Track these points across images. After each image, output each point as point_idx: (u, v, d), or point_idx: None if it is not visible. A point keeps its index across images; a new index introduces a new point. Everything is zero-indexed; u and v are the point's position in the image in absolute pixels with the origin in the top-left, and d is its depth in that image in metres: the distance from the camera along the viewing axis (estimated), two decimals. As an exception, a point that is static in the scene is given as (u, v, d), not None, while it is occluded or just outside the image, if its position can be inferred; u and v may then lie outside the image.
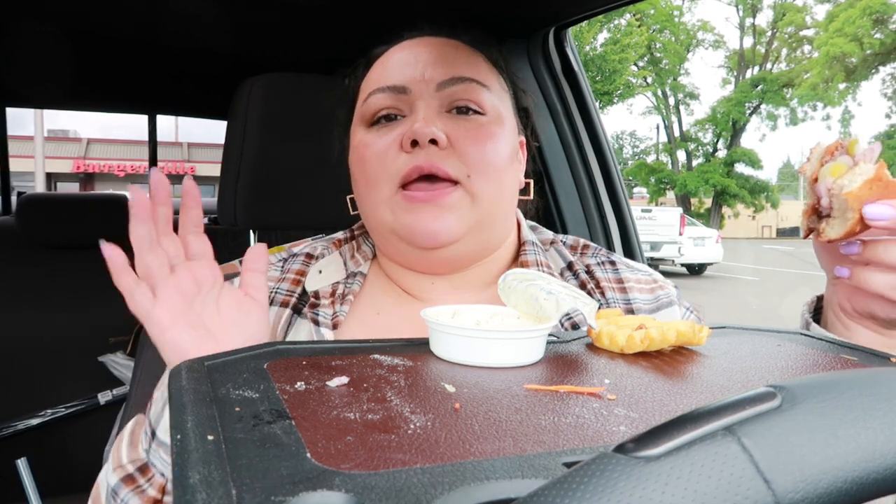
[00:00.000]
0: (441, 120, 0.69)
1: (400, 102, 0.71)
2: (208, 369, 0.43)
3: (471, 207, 0.69)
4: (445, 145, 0.68)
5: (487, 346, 0.49)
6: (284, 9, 1.35)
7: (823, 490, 0.23)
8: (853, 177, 0.55)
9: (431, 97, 0.70)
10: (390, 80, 0.72)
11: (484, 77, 0.73)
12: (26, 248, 2.08)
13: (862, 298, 0.61)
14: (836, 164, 0.57)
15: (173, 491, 0.28)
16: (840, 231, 0.57)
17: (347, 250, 0.81)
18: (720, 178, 25.56)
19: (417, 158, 0.67)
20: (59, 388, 2.05)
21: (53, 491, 1.76)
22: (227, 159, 1.06)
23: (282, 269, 0.79)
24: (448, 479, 0.29)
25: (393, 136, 0.70)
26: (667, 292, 0.80)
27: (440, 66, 0.71)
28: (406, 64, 0.72)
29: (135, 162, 19.99)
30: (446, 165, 0.67)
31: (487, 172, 0.69)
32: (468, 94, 0.71)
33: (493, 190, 0.70)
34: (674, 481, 0.22)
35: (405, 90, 0.71)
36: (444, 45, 0.75)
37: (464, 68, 0.72)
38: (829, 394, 0.26)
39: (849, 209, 0.55)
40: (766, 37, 28.05)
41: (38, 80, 1.95)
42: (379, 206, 0.71)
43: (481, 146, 0.69)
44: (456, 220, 0.68)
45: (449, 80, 0.70)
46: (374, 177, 0.70)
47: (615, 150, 2.27)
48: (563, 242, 0.84)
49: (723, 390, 0.45)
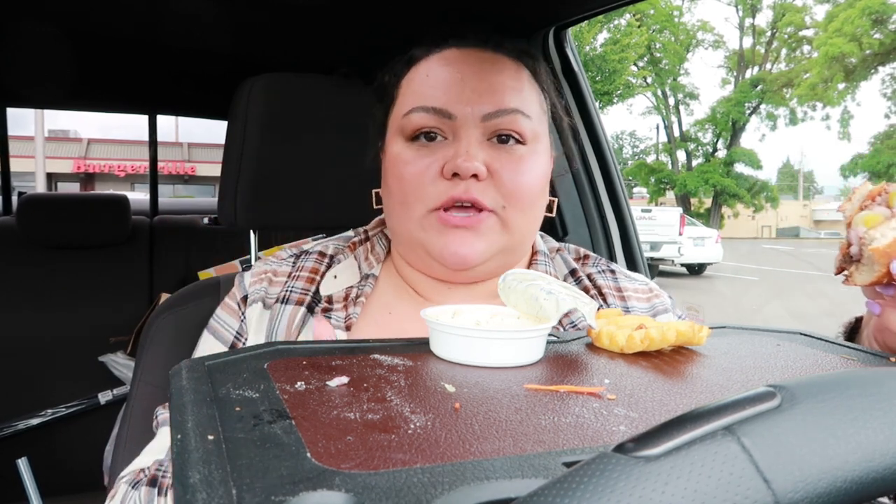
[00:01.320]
0: (482, 149, 0.70)
1: (443, 125, 0.71)
2: (209, 369, 0.43)
3: (500, 234, 0.71)
4: (485, 178, 0.69)
5: (487, 346, 0.49)
6: (284, 9, 1.35)
7: (823, 490, 0.23)
8: (885, 230, 0.55)
9: (475, 126, 0.71)
10: (435, 100, 0.71)
11: (527, 105, 0.73)
12: (27, 248, 2.08)
13: (891, 335, 0.60)
14: (872, 215, 0.56)
15: (173, 490, 0.28)
16: (867, 279, 0.57)
17: (362, 252, 0.81)
18: (720, 178, 25.56)
19: (457, 189, 0.69)
20: (59, 388, 2.05)
21: (54, 490, 1.76)
22: (227, 159, 1.06)
23: (294, 265, 0.79)
24: (448, 478, 0.29)
25: (434, 160, 0.70)
26: (662, 300, 0.82)
27: (487, 96, 0.71)
28: (451, 85, 0.71)
29: (135, 162, 19.97)
30: (483, 197, 0.69)
31: (522, 203, 0.71)
32: (511, 126, 0.71)
33: (526, 219, 0.73)
34: (674, 481, 0.22)
35: (450, 116, 0.71)
36: (492, 63, 0.74)
37: (510, 98, 0.72)
38: (828, 394, 0.26)
39: (876, 262, 0.55)
40: (766, 37, 28.04)
41: (38, 80, 1.95)
42: (410, 222, 0.72)
43: (519, 177, 0.71)
44: (486, 245, 0.70)
45: (495, 112, 0.71)
46: (411, 196, 0.71)
47: (615, 150, 2.28)
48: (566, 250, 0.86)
49: (723, 390, 0.45)
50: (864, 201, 0.58)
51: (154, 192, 2.53)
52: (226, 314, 0.78)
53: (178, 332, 0.95)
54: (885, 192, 0.58)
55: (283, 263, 0.80)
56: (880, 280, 0.56)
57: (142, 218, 2.30)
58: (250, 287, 0.78)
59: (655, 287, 0.84)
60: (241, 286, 0.79)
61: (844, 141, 27.53)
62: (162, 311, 0.97)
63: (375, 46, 0.80)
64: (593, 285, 0.81)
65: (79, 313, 2.09)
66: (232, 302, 0.79)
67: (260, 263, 0.81)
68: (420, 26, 0.81)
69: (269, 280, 0.78)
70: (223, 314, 0.79)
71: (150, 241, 2.25)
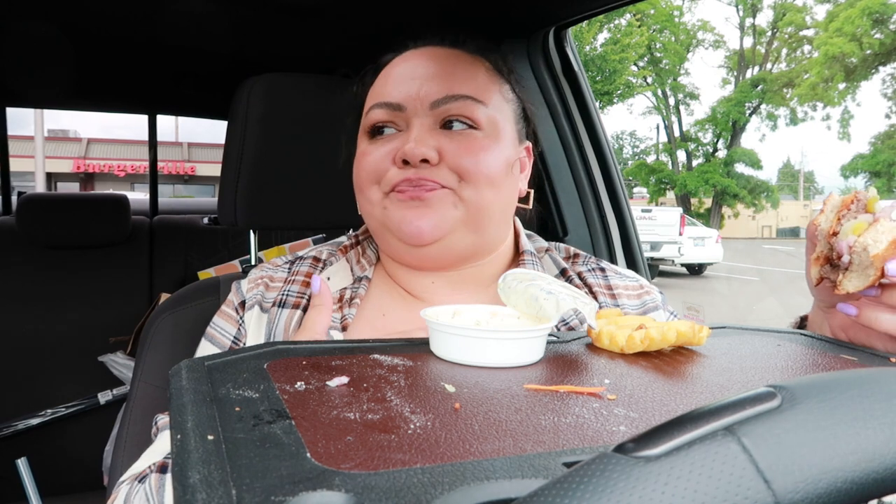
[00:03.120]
0: (434, 136, 0.71)
1: (396, 118, 0.73)
2: (208, 369, 0.43)
3: (455, 207, 0.71)
4: (437, 162, 0.70)
5: (487, 346, 0.49)
6: (284, 9, 1.35)
7: (823, 490, 0.23)
8: (877, 235, 0.55)
9: (426, 115, 0.72)
10: (389, 95, 0.74)
11: (480, 92, 0.74)
12: (26, 248, 2.08)
13: (863, 333, 0.62)
14: (859, 223, 0.57)
15: (173, 491, 0.28)
16: (859, 285, 0.57)
17: (353, 255, 0.83)
18: (720, 178, 25.55)
19: (407, 173, 0.70)
20: (59, 388, 2.05)
21: (53, 490, 1.76)
22: (228, 159, 1.06)
23: (289, 270, 0.81)
24: (448, 479, 0.29)
25: (387, 150, 0.72)
26: (652, 297, 0.83)
27: (436, 83, 0.72)
28: (404, 79, 0.74)
29: (135, 162, 19.97)
30: (436, 177, 0.70)
31: (477, 181, 0.71)
32: (462, 111, 0.72)
33: (482, 196, 0.71)
34: (674, 481, 0.22)
35: (401, 107, 0.73)
36: (445, 57, 0.76)
37: (460, 84, 0.73)
38: (828, 394, 0.26)
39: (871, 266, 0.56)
40: (766, 37, 28.03)
41: (38, 80, 1.95)
42: (370, 206, 0.74)
43: (473, 157, 0.71)
44: (440, 218, 0.70)
45: (443, 98, 0.72)
46: (367, 183, 0.74)
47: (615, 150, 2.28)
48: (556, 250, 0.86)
49: (723, 390, 0.45)
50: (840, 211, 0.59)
51: (154, 192, 2.53)
52: (223, 321, 0.79)
53: (178, 332, 0.95)
54: (858, 199, 0.59)
55: (279, 269, 0.81)
56: (873, 284, 0.56)
57: (142, 218, 2.30)
58: (248, 293, 0.79)
59: (646, 283, 0.85)
60: (238, 292, 0.80)
61: (844, 141, 27.50)
62: (162, 311, 0.97)
63: (375, 46, 0.81)
64: (584, 284, 0.81)
65: (79, 313, 2.09)
66: (229, 308, 0.80)
67: (256, 270, 0.82)
68: (420, 26, 0.81)
69: (266, 285, 0.79)
70: (220, 321, 0.79)
71: (150, 241, 2.25)
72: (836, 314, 0.63)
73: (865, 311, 0.59)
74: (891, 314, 0.58)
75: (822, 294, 0.65)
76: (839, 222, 0.59)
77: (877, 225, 0.56)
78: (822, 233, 0.60)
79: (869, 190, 0.59)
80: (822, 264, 0.61)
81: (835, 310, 0.63)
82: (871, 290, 0.58)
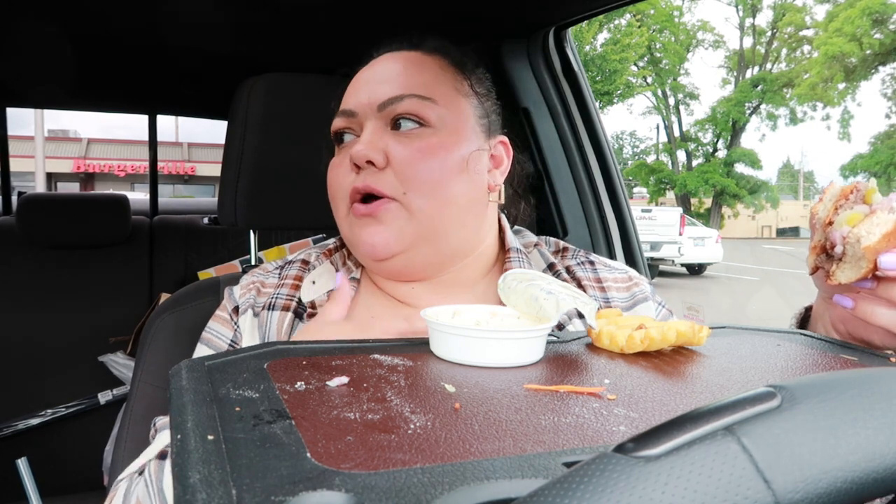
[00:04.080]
0: (383, 138, 0.71)
1: (350, 124, 0.75)
2: (209, 369, 0.43)
3: (407, 221, 0.70)
4: (382, 165, 0.70)
5: (487, 345, 0.49)
6: (285, 9, 1.35)
7: (823, 490, 0.23)
8: (871, 227, 0.55)
9: (375, 117, 0.73)
10: (346, 103, 0.76)
11: (430, 89, 0.73)
12: (26, 248, 2.08)
13: (861, 326, 0.62)
14: (854, 214, 0.57)
15: (173, 490, 0.28)
16: (851, 277, 0.57)
17: (339, 258, 0.83)
18: (720, 178, 25.54)
19: (357, 180, 0.71)
20: (59, 388, 2.05)
21: (54, 490, 1.76)
22: (227, 159, 1.06)
23: (279, 275, 0.82)
24: (448, 479, 0.29)
25: (344, 157, 0.74)
26: (641, 289, 0.83)
27: (384, 85, 0.73)
28: (358, 87, 0.76)
29: (135, 162, 19.96)
30: (381, 184, 0.70)
31: (423, 189, 0.70)
32: (409, 109, 0.72)
33: (432, 204, 0.70)
34: (673, 481, 0.22)
35: (353, 113, 0.74)
36: (398, 59, 0.76)
37: (407, 84, 0.72)
38: (828, 394, 0.26)
39: (863, 258, 0.56)
40: (766, 37, 28.02)
41: (38, 80, 1.95)
42: (340, 221, 0.76)
43: (419, 163, 0.70)
44: (392, 233, 0.70)
45: (389, 99, 0.72)
46: (333, 196, 0.76)
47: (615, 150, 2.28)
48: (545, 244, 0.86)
49: (722, 390, 0.45)
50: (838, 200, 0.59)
51: (154, 192, 2.53)
52: (218, 325, 0.79)
53: (178, 332, 0.95)
54: (857, 189, 0.58)
55: (270, 275, 0.82)
56: (865, 276, 0.56)
57: (142, 218, 2.30)
58: (240, 298, 0.79)
59: (635, 275, 0.85)
60: (231, 298, 0.81)
61: (844, 141, 27.51)
62: (162, 311, 0.97)
63: (375, 46, 0.81)
64: (572, 277, 0.81)
65: (79, 313, 2.09)
66: (223, 313, 0.80)
67: (248, 276, 0.83)
68: (420, 26, 0.81)
69: (258, 290, 0.80)
70: (216, 325, 0.80)
71: (150, 241, 2.25)
72: (836, 306, 0.63)
73: (862, 305, 0.59)
74: (886, 308, 0.58)
75: (820, 283, 0.65)
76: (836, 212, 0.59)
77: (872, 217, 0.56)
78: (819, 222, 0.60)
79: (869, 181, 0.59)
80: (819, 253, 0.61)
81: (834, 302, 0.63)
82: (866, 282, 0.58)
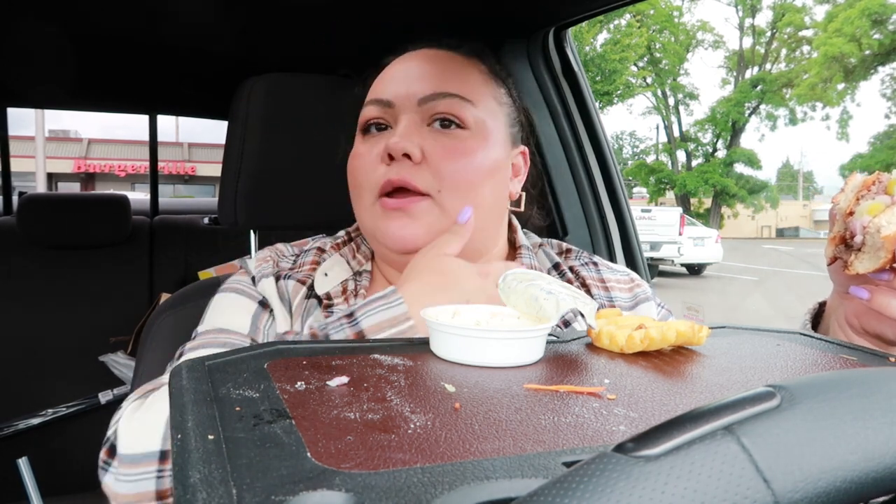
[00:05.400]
0: (421, 134, 0.72)
1: (385, 114, 0.74)
2: (209, 369, 0.43)
3: (439, 218, 0.72)
4: (419, 160, 0.71)
5: (487, 345, 0.49)
6: (284, 9, 1.35)
7: (823, 490, 0.23)
8: (891, 217, 0.55)
9: (413, 111, 0.73)
10: (381, 93, 0.75)
11: (470, 92, 0.74)
12: (27, 248, 2.08)
13: (874, 319, 0.61)
14: (876, 204, 0.57)
15: (174, 490, 0.29)
16: (869, 267, 0.57)
17: (348, 251, 0.83)
18: (720, 178, 25.54)
19: (389, 173, 0.71)
20: (59, 387, 2.05)
21: (54, 490, 1.76)
22: (228, 159, 1.06)
23: (294, 262, 0.82)
24: (448, 478, 0.29)
25: (378, 148, 0.73)
26: (643, 290, 0.84)
27: (425, 81, 0.73)
28: (397, 78, 0.75)
29: (135, 162, 19.96)
30: (417, 179, 0.70)
31: (458, 188, 0.71)
32: (449, 109, 0.72)
33: (464, 204, 0.72)
34: (673, 481, 0.22)
35: (390, 104, 0.74)
36: (439, 58, 0.77)
37: (449, 83, 0.73)
38: (828, 394, 0.26)
39: (882, 248, 0.56)
40: (766, 37, 28.02)
41: (38, 80, 1.95)
42: (363, 211, 0.75)
43: (455, 162, 0.71)
44: (422, 228, 0.71)
45: (430, 95, 0.72)
46: (359, 186, 0.75)
47: (615, 150, 2.28)
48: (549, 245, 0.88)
49: (722, 390, 0.45)
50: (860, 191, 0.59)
51: (154, 192, 2.53)
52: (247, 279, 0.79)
53: (178, 332, 0.95)
54: (879, 180, 0.58)
55: (286, 259, 0.82)
56: (884, 266, 0.56)
57: (142, 218, 2.30)
58: (256, 269, 0.79)
59: (637, 277, 0.87)
60: (247, 269, 0.81)
61: (843, 141, 27.51)
62: (162, 311, 0.98)
63: (375, 46, 0.81)
64: (576, 277, 0.82)
65: (79, 313, 2.09)
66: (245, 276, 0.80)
67: (265, 251, 0.83)
68: (420, 26, 0.82)
69: (275, 262, 0.80)
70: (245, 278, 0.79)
71: (150, 241, 2.25)
72: (851, 299, 0.63)
73: (878, 297, 0.59)
74: None
75: (836, 275, 0.65)
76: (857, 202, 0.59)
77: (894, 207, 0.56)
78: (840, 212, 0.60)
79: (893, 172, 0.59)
80: (838, 244, 0.61)
81: (850, 294, 0.63)
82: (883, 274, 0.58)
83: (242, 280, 0.79)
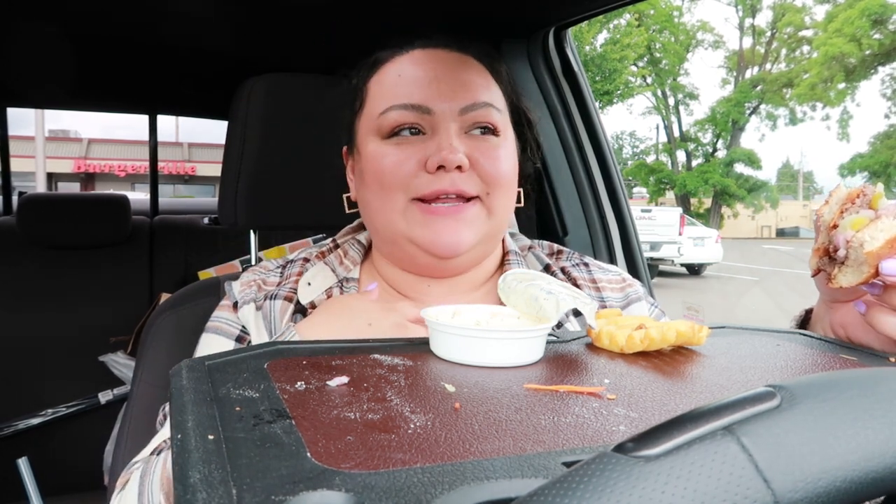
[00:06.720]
0: (462, 141, 0.73)
1: (422, 120, 0.73)
2: (209, 369, 0.43)
3: (486, 220, 0.74)
4: (468, 168, 0.72)
5: (487, 346, 0.49)
6: (284, 9, 1.35)
7: (822, 489, 0.23)
8: (874, 232, 0.55)
9: (454, 120, 0.73)
10: (412, 97, 0.73)
11: (496, 99, 0.77)
12: (27, 248, 2.08)
13: (861, 330, 0.62)
14: (859, 218, 0.57)
15: (174, 490, 0.29)
16: (853, 280, 0.57)
17: (334, 258, 0.83)
18: (720, 178, 25.53)
19: (442, 182, 0.71)
20: (59, 387, 2.05)
21: (54, 490, 1.76)
22: (228, 159, 1.06)
23: (281, 274, 0.83)
24: (448, 478, 0.29)
25: (413, 152, 0.72)
26: (635, 289, 0.85)
27: (462, 91, 0.74)
28: (427, 83, 0.74)
29: (135, 162, 19.95)
30: (468, 186, 0.72)
31: (502, 188, 0.74)
32: (486, 118, 0.74)
33: (506, 204, 0.76)
34: (673, 481, 0.22)
35: (429, 111, 0.73)
36: (458, 62, 0.77)
37: (482, 92, 0.75)
38: (828, 394, 0.26)
39: (865, 263, 0.56)
40: (766, 37, 28.01)
41: (38, 80, 1.95)
42: (392, 213, 0.73)
43: (497, 165, 0.74)
44: (472, 232, 0.73)
45: (471, 105, 0.74)
46: (390, 187, 0.72)
47: (615, 150, 2.27)
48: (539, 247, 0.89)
49: (722, 390, 0.45)
50: (844, 204, 0.59)
51: (154, 192, 2.53)
52: (226, 313, 0.80)
53: (178, 331, 0.95)
54: (864, 194, 0.58)
55: (271, 273, 0.83)
56: (866, 281, 0.56)
57: (142, 218, 2.30)
58: (239, 294, 0.80)
59: (628, 276, 0.88)
60: (230, 294, 0.81)
61: (844, 141, 27.50)
62: (162, 311, 0.98)
63: (376, 46, 0.81)
64: (568, 278, 0.83)
65: (79, 313, 2.09)
66: (228, 302, 0.81)
67: (247, 273, 0.83)
68: (420, 26, 0.82)
69: (259, 286, 0.80)
70: (224, 313, 0.80)
71: (150, 241, 2.25)
72: (837, 309, 0.64)
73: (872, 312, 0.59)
74: (892, 316, 0.58)
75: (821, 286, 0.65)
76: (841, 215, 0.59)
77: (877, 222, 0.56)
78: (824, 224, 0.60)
79: (877, 185, 0.58)
80: (821, 256, 0.61)
81: (836, 305, 0.64)
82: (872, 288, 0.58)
83: (222, 315, 0.80)
